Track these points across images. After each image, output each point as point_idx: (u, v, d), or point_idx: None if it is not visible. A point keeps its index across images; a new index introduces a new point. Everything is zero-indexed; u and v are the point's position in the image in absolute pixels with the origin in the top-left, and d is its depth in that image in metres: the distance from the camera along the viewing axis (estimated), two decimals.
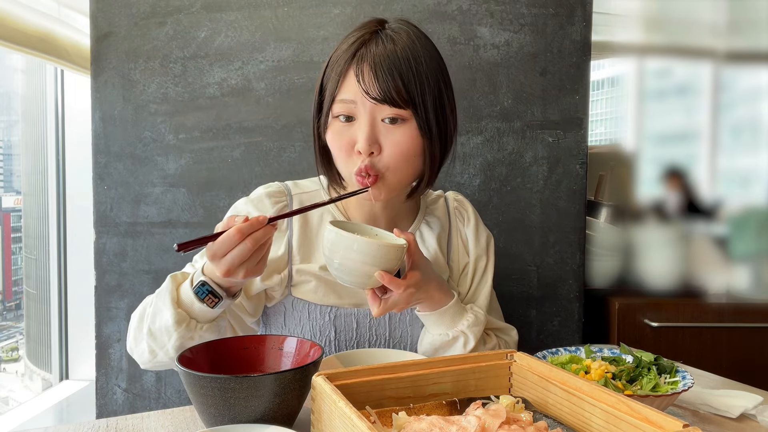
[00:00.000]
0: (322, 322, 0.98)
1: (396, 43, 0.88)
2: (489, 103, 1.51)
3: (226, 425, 0.65)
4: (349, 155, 0.90)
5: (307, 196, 1.02)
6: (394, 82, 0.86)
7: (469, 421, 0.57)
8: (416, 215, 1.06)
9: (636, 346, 1.19)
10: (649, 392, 0.76)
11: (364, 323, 0.99)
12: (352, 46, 0.89)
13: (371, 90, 0.86)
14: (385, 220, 1.01)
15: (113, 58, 1.49)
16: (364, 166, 0.88)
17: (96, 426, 0.77)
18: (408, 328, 1.01)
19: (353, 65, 0.87)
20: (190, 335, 0.84)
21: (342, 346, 0.99)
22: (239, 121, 1.50)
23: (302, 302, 0.99)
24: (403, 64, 0.87)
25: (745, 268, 1.82)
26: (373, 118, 0.88)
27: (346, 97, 0.88)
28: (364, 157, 0.88)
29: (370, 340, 1.00)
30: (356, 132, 0.88)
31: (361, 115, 0.88)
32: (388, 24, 0.93)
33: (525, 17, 1.50)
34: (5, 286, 3.41)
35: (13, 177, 3.18)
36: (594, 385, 0.61)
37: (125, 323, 1.51)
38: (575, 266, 1.54)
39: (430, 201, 1.10)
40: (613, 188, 1.97)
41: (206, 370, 0.69)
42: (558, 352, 0.89)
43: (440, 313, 0.93)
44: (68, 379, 2.18)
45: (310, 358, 0.76)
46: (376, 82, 0.85)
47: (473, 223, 1.09)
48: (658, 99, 1.96)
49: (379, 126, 0.88)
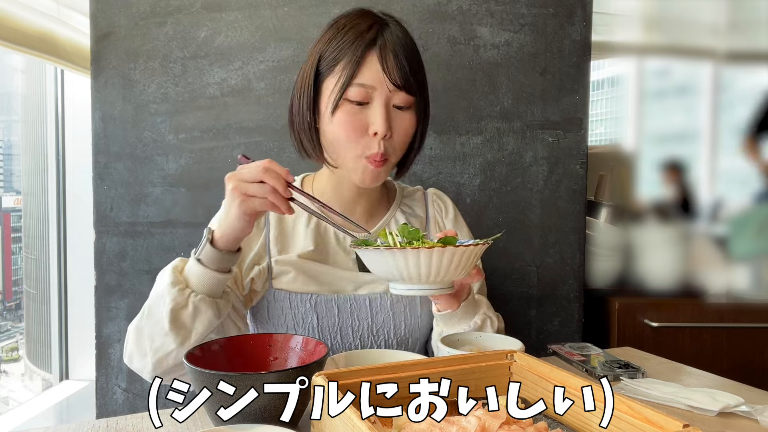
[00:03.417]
0: (304, 310, 1.00)
1: (401, 32, 0.93)
2: (489, 103, 1.51)
3: (227, 425, 0.65)
4: (361, 137, 0.92)
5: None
6: (411, 70, 0.91)
7: (470, 421, 0.57)
8: (391, 204, 1.10)
9: (636, 346, 1.20)
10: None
11: (345, 308, 1.01)
12: (368, 32, 0.91)
13: (393, 77, 0.90)
14: (362, 207, 1.05)
15: (113, 58, 1.49)
16: (382, 151, 0.92)
17: (96, 426, 0.77)
18: (390, 313, 1.02)
19: (375, 51, 0.90)
20: (183, 302, 0.85)
21: (325, 333, 1.01)
22: (239, 121, 1.50)
23: (283, 293, 1.00)
24: (410, 52, 0.92)
25: (745, 268, 1.82)
26: (388, 102, 0.91)
27: (365, 82, 0.90)
28: (379, 140, 0.91)
29: (352, 326, 1.02)
30: (370, 115, 0.91)
31: (376, 100, 0.91)
32: (381, 14, 0.96)
33: (525, 17, 1.50)
34: (5, 286, 3.41)
35: (13, 177, 3.19)
36: (594, 385, 0.61)
37: (125, 323, 1.51)
38: (575, 266, 1.54)
39: (407, 192, 1.14)
40: (613, 188, 1.97)
41: (215, 368, 0.69)
42: None
43: (465, 305, 0.96)
44: (68, 379, 2.18)
45: (315, 356, 0.76)
46: (397, 70, 0.90)
47: (452, 215, 1.11)
48: (658, 99, 1.96)
49: (392, 110, 0.92)
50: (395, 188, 1.13)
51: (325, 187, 1.05)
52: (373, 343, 1.03)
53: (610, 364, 1.02)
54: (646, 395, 0.88)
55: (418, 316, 1.04)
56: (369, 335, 1.02)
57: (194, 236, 1.50)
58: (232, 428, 0.64)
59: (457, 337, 0.92)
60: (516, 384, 0.62)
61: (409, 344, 1.05)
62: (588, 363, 1.04)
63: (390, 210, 1.09)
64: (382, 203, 1.09)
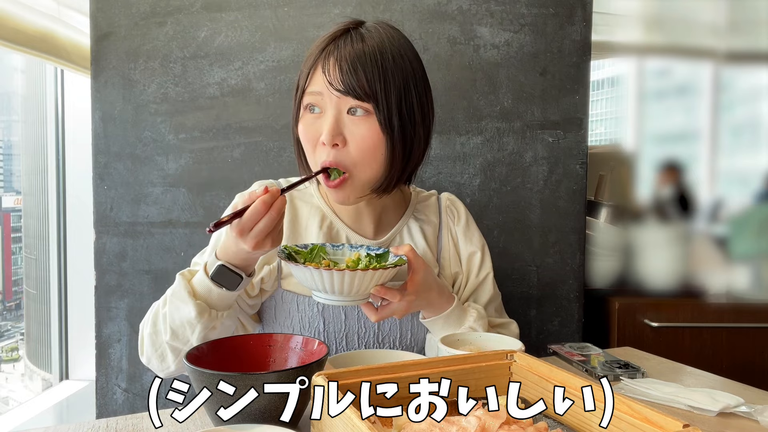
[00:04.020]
0: (311, 314, 1.00)
1: (365, 41, 0.91)
2: (489, 103, 1.51)
3: (227, 425, 0.65)
4: (315, 147, 0.93)
5: (297, 193, 1.06)
6: (357, 75, 0.88)
7: (470, 421, 0.57)
8: (404, 211, 1.08)
9: (636, 346, 1.20)
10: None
11: (352, 315, 1.01)
12: (323, 42, 0.93)
13: (334, 82, 0.89)
14: (371, 215, 1.03)
15: (113, 58, 1.49)
16: (329, 161, 0.90)
17: (96, 426, 0.77)
18: (396, 321, 1.02)
19: (321, 59, 0.92)
20: (212, 324, 0.87)
21: (331, 338, 1.00)
22: (239, 121, 1.50)
23: (291, 294, 1.00)
24: (369, 60, 0.89)
25: (745, 268, 1.82)
26: (338, 111, 0.90)
27: (314, 89, 0.92)
28: (328, 149, 0.90)
29: (359, 333, 1.01)
30: (322, 124, 0.91)
31: (327, 108, 0.91)
32: (365, 24, 0.96)
33: (525, 17, 1.50)
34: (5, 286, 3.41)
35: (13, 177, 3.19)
36: (594, 385, 0.61)
37: (125, 323, 1.51)
38: (575, 266, 1.54)
39: (421, 198, 1.12)
40: (613, 188, 1.97)
41: (215, 368, 0.69)
42: None
43: (445, 317, 0.95)
44: (68, 379, 2.18)
45: (315, 356, 0.76)
46: (339, 75, 0.89)
47: (464, 221, 1.10)
48: (658, 99, 1.96)
49: (344, 119, 0.90)
50: (410, 194, 1.11)
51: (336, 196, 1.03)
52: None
53: (610, 364, 1.02)
54: (646, 395, 0.88)
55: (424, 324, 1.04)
56: (375, 342, 1.02)
57: (194, 236, 1.50)
58: (232, 428, 0.64)
59: (457, 337, 0.92)
60: (516, 384, 0.62)
61: (414, 351, 1.05)
62: (588, 363, 1.04)
63: (403, 217, 1.07)
64: (393, 211, 1.07)
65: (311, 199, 1.05)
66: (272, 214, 0.79)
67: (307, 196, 1.06)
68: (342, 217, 1.04)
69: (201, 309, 0.86)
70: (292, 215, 1.03)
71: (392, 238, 1.05)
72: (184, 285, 0.87)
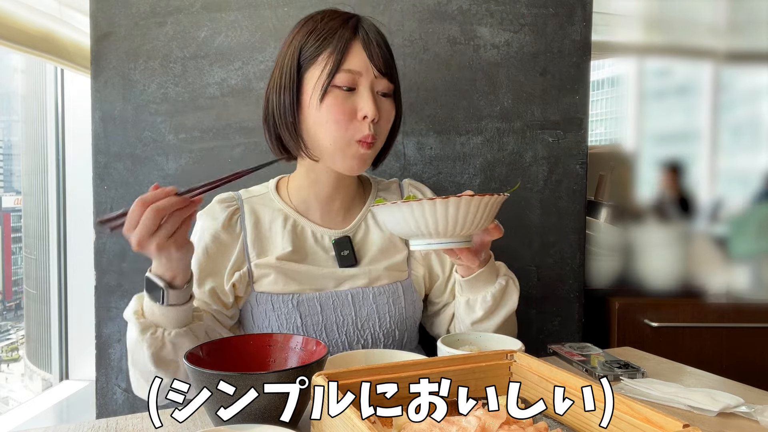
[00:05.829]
0: (287, 310, 1.00)
1: (374, 25, 0.99)
2: (489, 103, 1.51)
3: (227, 425, 0.65)
4: (350, 122, 0.95)
5: (257, 199, 1.08)
6: (391, 59, 0.98)
7: (470, 421, 0.57)
8: (368, 197, 1.12)
9: (636, 346, 1.20)
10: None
11: (327, 305, 1.02)
12: (349, 22, 0.96)
13: (378, 64, 0.95)
14: (339, 202, 1.07)
15: (113, 58, 1.49)
16: (372, 133, 0.95)
17: (96, 426, 0.77)
18: (373, 306, 1.03)
19: (359, 39, 0.94)
20: (160, 344, 0.85)
21: (310, 331, 1.01)
22: (239, 121, 1.50)
23: (265, 295, 1.01)
24: (387, 45, 0.99)
25: (745, 268, 1.82)
26: (373, 89, 0.96)
27: (352, 68, 0.94)
28: (369, 124, 0.95)
29: (337, 322, 1.02)
30: (358, 100, 0.95)
31: (363, 86, 0.95)
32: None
33: (525, 17, 1.50)
34: (5, 286, 3.41)
35: (13, 177, 3.19)
36: (594, 385, 0.61)
37: (125, 323, 1.50)
38: (575, 266, 1.54)
39: (382, 186, 1.16)
40: (613, 188, 1.97)
41: (215, 368, 0.69)
42: None
43: (488, 267, 1.00)
44: (68, 379, 2.18)
45: (315, 356, 0.76)
46: (381, 58, 0.95)
47: None
48: (658, 99, 1.96)
49: (376, 96, 0.97)
50: (370, 182, 1.15)
51: (302, 185, 1.07)
52: (359, 337, 1.03)
53: (610, 364, 1.02)
54: (646, 395, 0.88)
55: (403, 306, 1.05)
56: (354, 330, 1.02)
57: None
58: (232, 428, 0.64)
59: (457, 337, 0.92)
60: (516, 384, 0.62)
61: (397, 336, 1.05)
62: (588, 363, 1.04)
63: (366, 203, 1.10)
64: (358, 197, 1.11)
65: (271, 203, 1.08)
66: (149, 214, 0.77)
67: (267, 201, 1.08)
68: (307, 215, 1.06)
69: (144, 326, 0.85)
70: (255, 221, 1.05)
71: (357, 225, 1.08)
72: (131, 306, 0.88)
